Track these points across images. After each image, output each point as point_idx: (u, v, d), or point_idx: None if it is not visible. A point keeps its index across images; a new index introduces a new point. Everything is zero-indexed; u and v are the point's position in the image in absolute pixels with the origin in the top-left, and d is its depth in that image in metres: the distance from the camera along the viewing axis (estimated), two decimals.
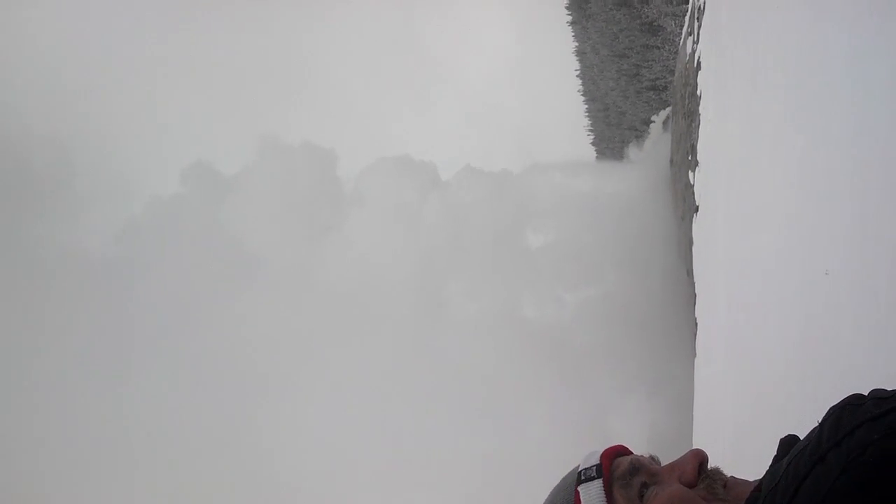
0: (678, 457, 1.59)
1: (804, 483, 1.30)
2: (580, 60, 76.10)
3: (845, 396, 1.47)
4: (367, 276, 36.84)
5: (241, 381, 34.52)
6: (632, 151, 57.70)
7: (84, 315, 35.95)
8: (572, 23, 69.46)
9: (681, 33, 38.27)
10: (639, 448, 1.70)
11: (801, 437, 1.53)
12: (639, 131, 61.13)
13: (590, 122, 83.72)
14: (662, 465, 1.62)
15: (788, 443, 1.57)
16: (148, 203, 42.59)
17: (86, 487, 32.85)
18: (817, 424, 1.44)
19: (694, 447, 1.61)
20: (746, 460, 12.35)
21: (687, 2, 36.50)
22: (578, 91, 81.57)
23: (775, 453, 1.58)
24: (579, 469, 1.65)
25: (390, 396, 33.20)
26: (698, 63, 25.16)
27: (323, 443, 33.12)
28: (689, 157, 26.74)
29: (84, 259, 38.67)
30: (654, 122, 50.16)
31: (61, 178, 43.14)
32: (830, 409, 1.45)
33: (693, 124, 25.90)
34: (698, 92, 24.59)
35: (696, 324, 21.72)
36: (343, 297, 36.06)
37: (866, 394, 1.46)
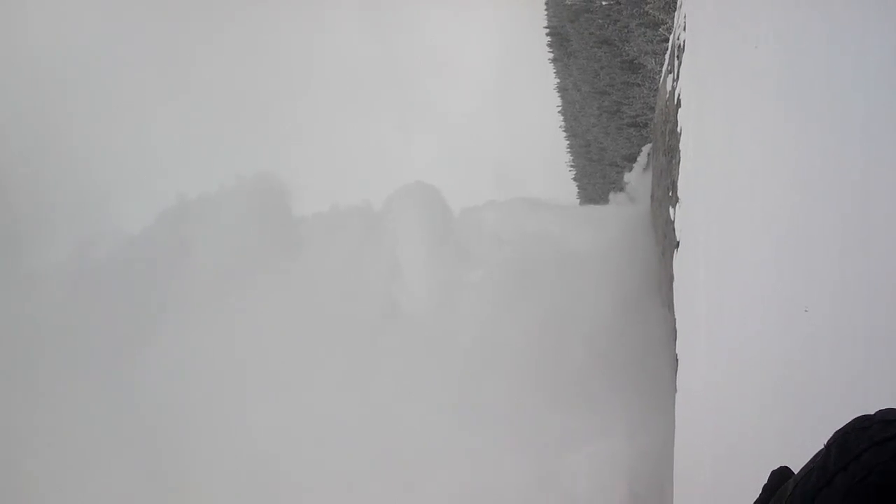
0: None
1: None
2: (562, 97, 77.04)
3: (851, 419, 1.49)
4: (316, 308, 36.75)
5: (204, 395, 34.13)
6: (615, 187, 58.16)
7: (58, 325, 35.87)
8: (554, 60, 70.38)
9: (661, 71, 38.82)
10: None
11: (793, 470, 1.56)
12: (619, 167, 61.70)
13: (571, 158, 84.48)
14: None
15: (781, 475, 1.60)
16: (106, 232, 42.62)
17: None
18: (823, 447, 1.47)
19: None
20: (726, 495, 12.26)
21: (667, 40, 37.09)
22: (560, 127, 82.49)
23: (765, 482, 1.61)
24: None
25: (349, 421, 32.76)
26: (678, 100, 25.47)
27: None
28: (670, 194, 26.95)
29: (53, 277, 38.60)
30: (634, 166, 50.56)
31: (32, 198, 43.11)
32: (836, 432, 1.48)
33: (673, 161, 26.13)
34: (678, 129, 24.86)
35: (677, 360, 21.71)
36: (299, 322, 35.89)
37: (872, 413, 1.49)
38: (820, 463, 1.42)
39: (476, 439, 31.07)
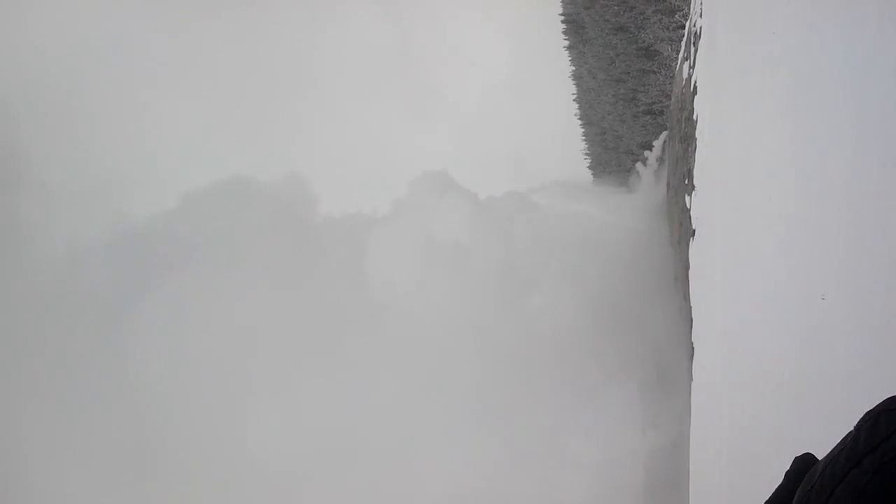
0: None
1: (839, 486, 1.34)
2: (577, 84, 76.52)
3: (882, 400, 1.50)
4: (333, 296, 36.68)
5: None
6: (630, 175, 57.82)
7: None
8: (569, 47, 69.99)
9: (677, 58, 38.53)
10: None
11: (817, 458, 1.57)
12: (635, 155, 61.34)
13: (587, 146, 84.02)
14: None
15: (805, 460, 1.62)
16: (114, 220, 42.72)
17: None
18: (853, 429, 1.48)
19: None
20: (742, 483, 12.29)
21: (683, 27, 36.83)
22: (575, 115, 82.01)
23: (788, 468, 1.63)
24: None
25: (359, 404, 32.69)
26: (694, 87, 25.31)
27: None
28: (686, 182, 26.83)
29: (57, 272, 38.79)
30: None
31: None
32: (867, 413, 1.48)
33: (689, 149, 25.99)
34: (694, 116, 24.73)
35: (693, 348, 21.69)
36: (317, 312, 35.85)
37: None
38: (850, 444, 1.43)
39: (486, 434, 30.93)
